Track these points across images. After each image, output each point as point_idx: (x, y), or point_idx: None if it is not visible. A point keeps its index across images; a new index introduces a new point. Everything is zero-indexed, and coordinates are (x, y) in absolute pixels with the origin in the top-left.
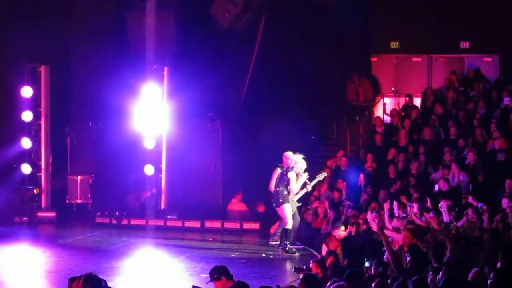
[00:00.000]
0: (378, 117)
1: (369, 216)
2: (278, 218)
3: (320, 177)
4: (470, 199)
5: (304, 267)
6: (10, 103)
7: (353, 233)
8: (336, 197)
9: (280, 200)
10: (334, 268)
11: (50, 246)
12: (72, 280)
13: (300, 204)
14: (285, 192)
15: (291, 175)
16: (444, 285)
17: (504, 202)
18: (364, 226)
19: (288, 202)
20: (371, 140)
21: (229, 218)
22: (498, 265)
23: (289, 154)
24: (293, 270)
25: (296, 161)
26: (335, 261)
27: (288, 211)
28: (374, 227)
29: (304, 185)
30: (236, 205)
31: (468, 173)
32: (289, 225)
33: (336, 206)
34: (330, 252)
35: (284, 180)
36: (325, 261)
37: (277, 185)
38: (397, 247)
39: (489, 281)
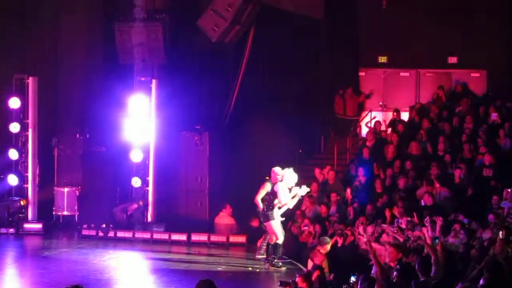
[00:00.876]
0: (370, 131)
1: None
2: (264, 232)
3: (303, 192)
4: (461, 218)
5: (290, 281)
6: None
7: (339, 244)
8: (323, 211)
9: (268, 216)
10: (320, 282)
11: (36, 258)
12: None
13: (284, 219)
14: (270, 209)
15: (278, 187)
16: None
17: (491, 218)
18: (352, 238)
19: (274, 219)
20: (359, 154)
21: (216, 231)
22: (481, 281)
23: (277, 169)
24: (279, 284)
25: (283, 175)
26: (321, 275)
27: (276, 226)
28: (363, 241)
29: (294, 197)
30: (224, 218)
31: (453, 189)
32: (280, 240)
33: (322, 221)
34: (316, 267)
35: (272, 196)
36: (311, 275)
37: (264, 202)
38: (383, 262)
39: None
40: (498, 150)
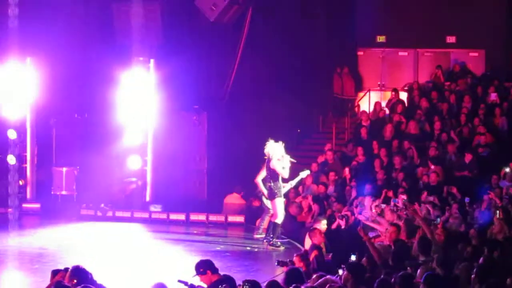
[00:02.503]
0: (364, 111)
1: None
2: (263, 211)
3: (303, 174)
4: (454, 191)
5: (288, 260)
6: None
7: (343, 227)
8: (321, 191)
9: (273, 194)
10: (318, 262)
11: (35, 238)
12: (55, 272)
13: (285, 199)
14: (278, 186)
15: (273, 164)
16: (425, 280)
17: (486, 198)
18: (353, 218)
19: (281, 196)
20: (357, 134)
21: (224, 211)
22: (481, 260)
23: (266, 149)
24: (276, 264)
25: (272, 148)
26: (319, 255)
27: (280, 205)
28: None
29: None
30: (234, 199)
31: (450, 168)
32: (279, 219)
33: (321, 200)
34: (314, 246)
35: (271, 173)
36: (309, 255)
37: (268, 180)
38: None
39: (472, 276)
40: (496, 129)
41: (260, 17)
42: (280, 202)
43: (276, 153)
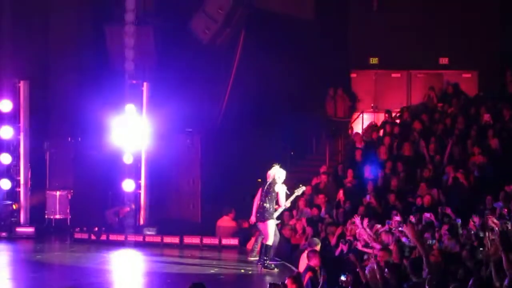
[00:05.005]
0: (358, 133)
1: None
2: (253, 234)
3: (299, 191)
4: (449, 211)
5: (280, 283)
6: None
7: (345, 251)
8: (315, 213)
9: (266, 216)
10: (312, 284)
11: (28, 262)
12: None
13: (279, 221)
14: (272, 208)
15: (279, 188)
16: None
17: (477, 220)
18: (355, 243)
19: (274, 218)
20: (351, 156)
21: (217, 234)
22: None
23: (271, 171)
24: (269, 287)
25: (275, 173)
26: (313, 277)
27: (272, 227)
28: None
29: (287, 196)
30: (226, 221)
31: (446, 189)
32: (270, 241)
33: (315, 223)
34: (309, 268)
35: (270, 195)
36: (302, 276)
37: (263, 200)
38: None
39: None
40: (489, 150)
41: (253, 40)
42: (272, 224)
43: (281, 177)
